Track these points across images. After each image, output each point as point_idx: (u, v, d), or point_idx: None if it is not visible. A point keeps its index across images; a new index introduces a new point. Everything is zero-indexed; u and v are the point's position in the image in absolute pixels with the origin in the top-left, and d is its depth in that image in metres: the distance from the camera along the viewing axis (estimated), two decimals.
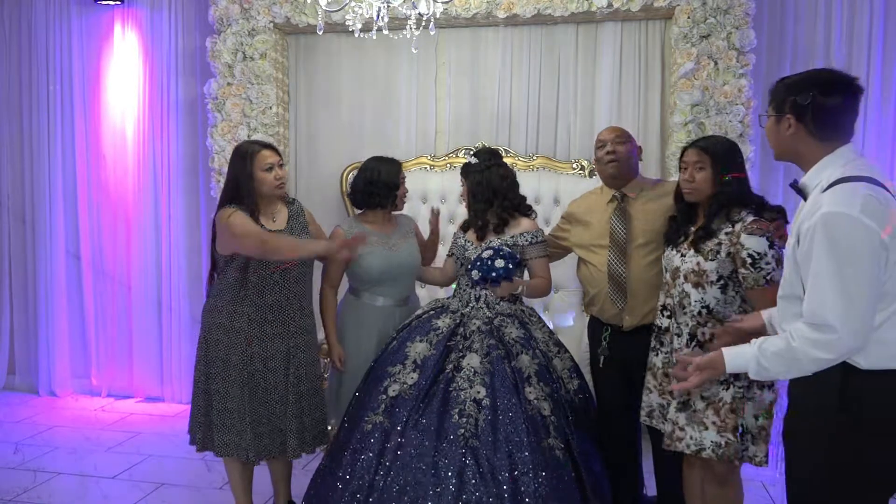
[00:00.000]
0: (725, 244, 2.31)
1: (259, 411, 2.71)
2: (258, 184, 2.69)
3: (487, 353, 2.59)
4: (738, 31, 3.64)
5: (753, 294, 2.27)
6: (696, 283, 2.35)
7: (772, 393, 2.31)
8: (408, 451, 2.40)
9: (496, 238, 2.79)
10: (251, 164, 2.68)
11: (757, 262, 2.23)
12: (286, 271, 2.71)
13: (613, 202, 2.78)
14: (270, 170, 2.70)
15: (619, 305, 2.70)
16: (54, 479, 3.50)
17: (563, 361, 2.74)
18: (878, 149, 3.94)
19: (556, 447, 2.44)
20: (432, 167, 4.12)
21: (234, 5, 4.07)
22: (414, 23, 2.89)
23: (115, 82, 4.67)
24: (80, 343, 4.84)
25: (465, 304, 2.78)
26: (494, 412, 2.45)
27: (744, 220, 2.29)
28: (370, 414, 2.54)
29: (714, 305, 2.34)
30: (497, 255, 2.66)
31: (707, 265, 2.33)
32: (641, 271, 2.66)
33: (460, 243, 2.89)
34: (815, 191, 1.78)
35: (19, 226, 4.87)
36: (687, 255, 2.40)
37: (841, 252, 1.63)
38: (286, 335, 2.74)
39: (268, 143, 2.81)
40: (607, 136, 2.77)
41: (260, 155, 2.69)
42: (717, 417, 2.29)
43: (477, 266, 2.67)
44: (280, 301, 2.72)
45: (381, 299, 2.96)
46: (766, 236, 2.24)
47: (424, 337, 2.68)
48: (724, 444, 2.28)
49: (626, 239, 2.69)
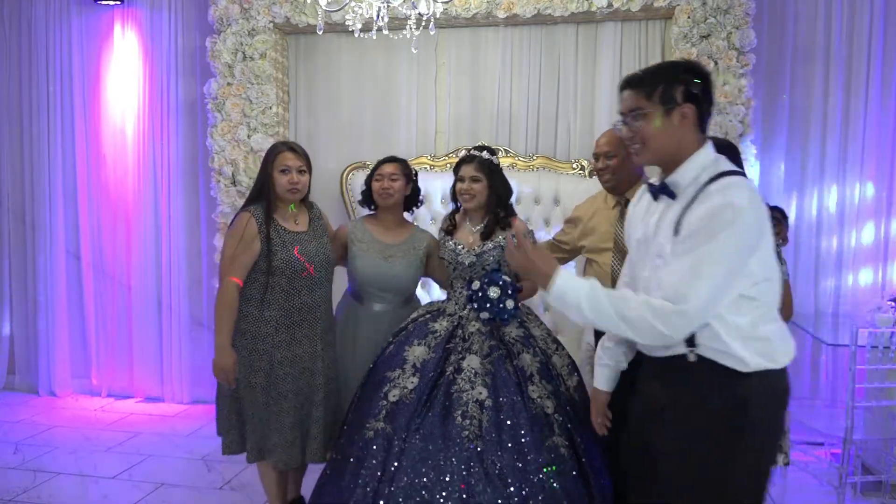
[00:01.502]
0: None
1: (283, 419, 2.68)
2: (274, 184, 2.70)
3: (488, 354, 2.58)
4: (738, 31, 3.64)
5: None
6: None
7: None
8: (412, 457, 2.37)
9: (489, 240, 2.78)
10: (271, 163, 2.70)
11: None
12: (310, 274, 2.71)
13: (617, 207, 2.78)
14: (285, 172, 2.69)
15: None
16: (54, 479, 3.50)
17: (561, 358, 2.74)
18: (879, 149, 3.94)
19: (560, 445, 2.43)
20: (432, 167, 4.12)
21: (234, 5, 4.07)
22: (414, 23, 2.89)
23: (115, 82, 4.67)
24: (80, 343, 4.84)
25: (462, 307, 2.76)
26: (497, 412, 2.43)
27: None
28: (371, 420, 2.50)
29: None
30: (504, 294, 2.60)
31: None
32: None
33: (450, 247, 2.82)
34: (692, 186, 1.75)
35: (19, 226, 4.87)
36: None
37: (731, 242, 1.64)
38: (314, 337, 2.74)
39: (295, 147, 2.78)
40: (600, 150, 2.74)
41: (281, 156, 2.70)
42: None
43: (487, 308, 2.60)
44: (308, 303, 2.72)
45: (377, 305, 2.93)
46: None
47: (422, 340, 2.65)
48: None
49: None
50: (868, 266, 3.99)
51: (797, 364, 4.05)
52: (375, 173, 2.93)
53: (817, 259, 4.03)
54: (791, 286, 3.82)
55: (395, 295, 2.94)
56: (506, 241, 2.74)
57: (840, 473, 3.05)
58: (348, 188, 4.15)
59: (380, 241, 2.92)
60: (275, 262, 2.64)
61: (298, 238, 2.72)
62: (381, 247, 2.91)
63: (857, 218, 3.98)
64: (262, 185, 2.72)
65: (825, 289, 4.03)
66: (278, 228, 2.68)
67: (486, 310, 2.61)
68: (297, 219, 2.77)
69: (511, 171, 4.02)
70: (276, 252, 2.64)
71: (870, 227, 3.98)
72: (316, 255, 2.74)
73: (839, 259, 4.01)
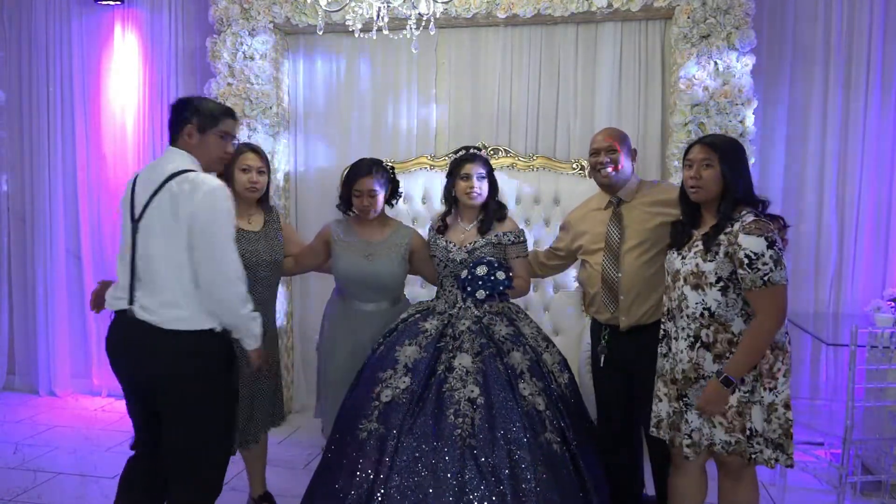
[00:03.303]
0: (724, 244, 2.29)
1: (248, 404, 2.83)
2: (234, 182, 2.80)
3: (479, 352, 2.58)
4: (738, 31, 3.63)
5: (751, 295, 2.25)
6: (696, 286, 2.33)
7: (772, 395, 2.29)
8: (405, 457, 2.38)
9: (481, 237, 2.78)
10: (234, 163, 2.79)
11: (754, 263, 2.21)
12: (256, 272, 2.76)
13: (610, 207, 2.79)
14: (246, 171, 2.81)
15: (611, 309, 2.72)
16: (54, 479, 3.50)
17: (552, 356, 2.75)
18: (878, 149, 3.94)
19: (553, 441, 2.44)
20: (432, 167, 4.12)
21: (234, 5, 4.07)
22: (414, 23, 2.88)
23: (115, 82, 4.67)
24: (80, 343, 4.84)
25: (452, 306, 2.77)
26: (490, 410, 2.44)
27: (742, 220, 2.27)
28: (364, 422, 2.51)
29: (715, 308, 2.31)
30: (492, 268, 2.64)
31: (706, 266, 2.31)
32: (635, 272, 2.66)
33: (441, 245, 2.84)
34: None
35: (19, 226, 4.87)
36: (687, 256, 2.39)
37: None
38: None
39: (257, 148, 2.90)
40: (600, 145, 2.75)
41: (243, 156, 2.82)
42: (725, 419, 2.30)
43: (480, 286, 2.62)
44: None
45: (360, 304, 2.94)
46: (765, 236, 2.21)
47: (413, 340, 2.66)
48: (735, 441, 2.29)
49: (620, 242, 2.70)
50: (868, 266, 3.99)
51: (797, 364, 4.06)
52: (353, 189, 2.90)
53: (817, 259, 4.04)
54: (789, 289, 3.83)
55: (377, 293, 2.94)
56: (497, 238, 2.77)
57: (840, 473, 3.05)
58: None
59: (361, 240, 2.94)
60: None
61: (248, 236, 2.80)
62: (363, 245, 2.92)
63: (857, 218, 3.98)
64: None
65: (825, 289, 4.03)
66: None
67: (480, 288, 2.63)
68: (252, 219, 2.87)
69: (511, 171, 4.03)
70: None
71: (870, 227, 3.98)
72: (263, 254, 2.82)
73: (839, 259, 4.01)
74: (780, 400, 2.29)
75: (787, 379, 2.31)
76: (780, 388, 2.30)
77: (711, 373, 2.32)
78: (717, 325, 2.32)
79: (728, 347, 2.30)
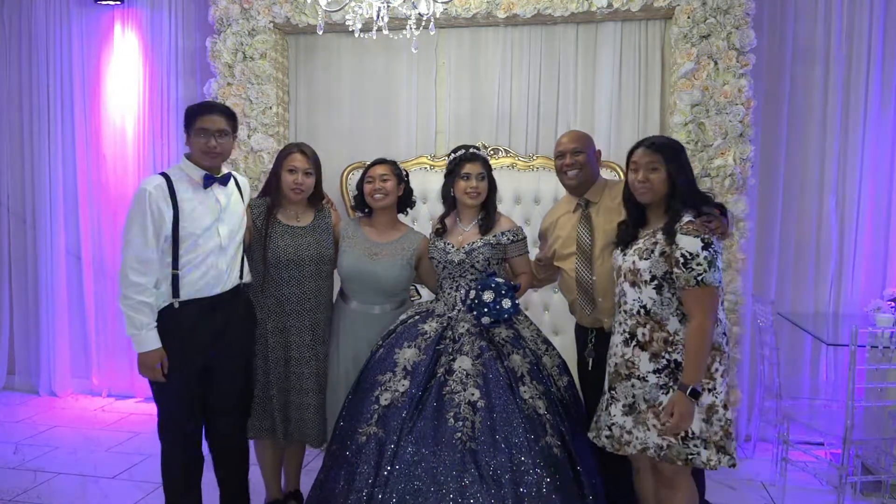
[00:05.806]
0: (661, 244, 2.31)
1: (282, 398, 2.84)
2: (281, 182, 2.83)
3: (479, 355, 2.57)
4: (738, 31, 3.63)
5: (684, 294, 2.27)
6: (633, 283, 2.37)
7: (711, 396, 2.28)
8: (405, 460, 2.37)
9: (479, 238, 2.78)
10: (281, 162, 2.85)
11: (688, 263, 2.23)
12: (301, 267, 2.81)
13: (578, 210, 2.80)
14: (292, 172, 2.82)
15: (588, 311, 2.74)
16: (54, 479, 3.50)
17: (551, 359, 2.75)
18: (878, 149, 3.95)
19: (553, 445, 2.44)
20: (432, 167, 4.12)
21: (234, 5, 4.07)
22: (414, 23, 2.88)
23: (115, 82, 4.67)
24: (80, 343, 4.84)
25: (451, 308, 2.76)
26: (490, 413, 2.43)
27: (681, 221, 2.29)
28: (363, 425, 2.50)
29: (651, 306, 2.33)
30: (499, 295, 2.60)
31: (641, 264, 2.34)
32: (609, 274, 2.63)
33: (439, 247, 2.83)
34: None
35: (19, 226, 4.87)
36: (627, 253, 2.42)
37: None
38: (302, 328, 2.84)
39: (305, 149, 2.89)
40: (565, 147, 2.77)
41: (291, 156, 2.84)
42: (657, 420, 2.30)
43: (486, 312, 2.60)
44: (298, 294, 2.82)
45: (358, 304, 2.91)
46: (702, 237, 2.23)
47: (412, 342, 2.65)
48: (666, 446, 2.29)
49: (591, 245, 2.72)
50: (868, 266, 3.99)
51: (797, 364, 4.06)
52: (366, 176, 2.93)
53: (817, 259, 4.04)
54: (789, 288, 3.82)
55: (378, 295, 2.91)
56: (496, 238, 2.77)
57: (840, 473, 3.05)
58: (348, 188, 4.15)
59: (368, 240, 2.93)
60: (269, 253, 2.78)
61: (293, 231, 2.83)
62: (369, 245, 2.91)
63: (857, 218, 3.98)
64: (270, 182, 2.88)
65: (825, 289, 4.03)
66: (277, 222, 2.83)
67: (485, 314, 2.61)
68: (300, 216, 2.88)
69: (511, 171, 4.03)
70: (270, 244, 2.79)
71: (870, 227, 3.98)
72: (307, 248, 2.83)
73: (839, 259, 4.01)
74: (719, 401, 2.29)
75: (724, 379, 2.32)
76: (719, 389, 2.30)
77: (646, 372, 2.32)
78: (652, 322, 2.33)
79: (664, 346, 2.30)
